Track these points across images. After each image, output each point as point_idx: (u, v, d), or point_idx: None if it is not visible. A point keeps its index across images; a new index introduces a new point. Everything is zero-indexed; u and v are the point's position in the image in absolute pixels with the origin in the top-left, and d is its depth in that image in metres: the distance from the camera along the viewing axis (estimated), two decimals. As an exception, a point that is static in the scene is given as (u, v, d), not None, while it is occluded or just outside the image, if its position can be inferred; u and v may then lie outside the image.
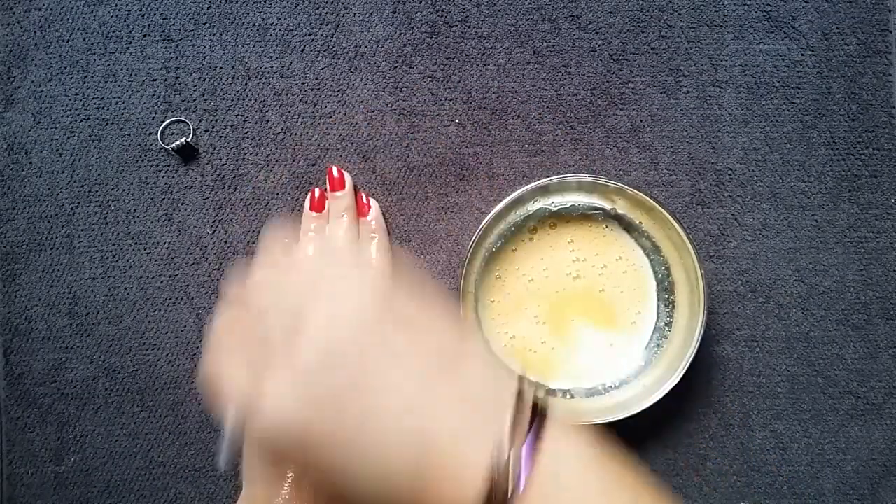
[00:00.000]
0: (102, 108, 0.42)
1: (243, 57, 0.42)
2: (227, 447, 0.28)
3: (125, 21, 0.42)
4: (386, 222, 0.42)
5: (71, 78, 0.42)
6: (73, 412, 0.42)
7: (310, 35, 0.42)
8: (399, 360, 0.25)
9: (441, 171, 0.42)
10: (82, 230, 0.42)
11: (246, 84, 0.42)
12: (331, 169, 0.41)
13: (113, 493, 0.42)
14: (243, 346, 0.27)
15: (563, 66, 0.42)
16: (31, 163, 0.42)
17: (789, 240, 0.42)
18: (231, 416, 0.27)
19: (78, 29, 0.42)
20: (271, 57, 0.42)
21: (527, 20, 0.42)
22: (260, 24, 0.42)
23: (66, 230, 0.42)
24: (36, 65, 0.42)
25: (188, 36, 0.42)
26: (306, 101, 0.42)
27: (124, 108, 0.42)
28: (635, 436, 0.42)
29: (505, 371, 0.26)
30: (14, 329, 0.42)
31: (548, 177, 0.38)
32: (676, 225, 0.38)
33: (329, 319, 0.25)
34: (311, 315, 0.25)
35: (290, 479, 0.36)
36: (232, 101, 0.42)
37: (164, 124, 0.42)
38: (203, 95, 0.42)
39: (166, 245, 0.42)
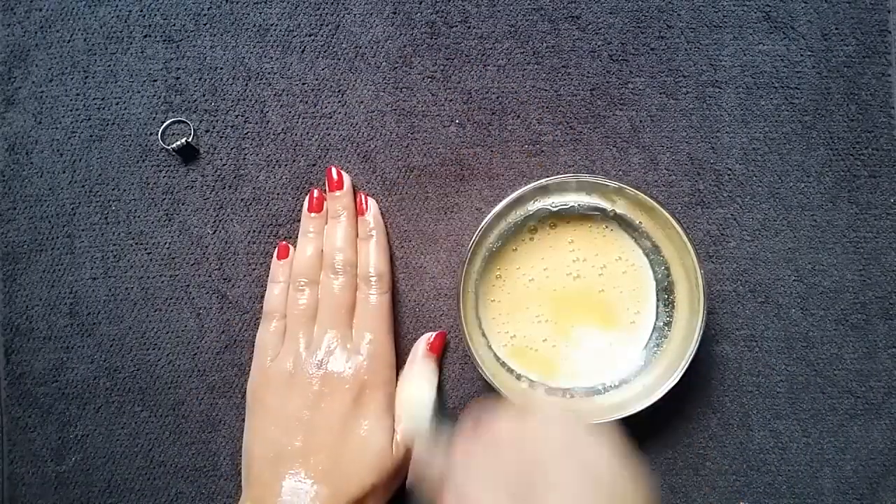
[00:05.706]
0: (103, 108, 0.42)
1: (244, 57, 0.42)
2: None
3: (126, 21, 0.42)
4: (386, 222, 0.42)
5: (72, 78, 0.42)
6: (74, 412, 0.42)
7: (310, 36, 0.42)
8: None
9: (441, 171, 0.43)
10: (83, 230, 0.42)
11: (246, 85, 0.42)
12: (330, 169, 0.41)
13: (114, 493, 0.42)
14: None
15: (563, 66, 0.43)
16: (31, 163, 0.42)
17: (788, 240, 0.42)
18: None
19: (79, 29, 0.42)
20: (272, 57, 0.42)
21: (527, 21, 0.42)
22: (260, 25, 0.42)
23: (67, 230, 0.42)
24: (37, 65, 0.42)
25: (189, 36, 0.42)
26: (307, 102, 0.42)
27: (125, 109, 0.42)
28: (635, 436, 0.42)
29: None
30: (15, 329, 0.42)
31: (548, 177, 0.39)
32: (676, 225, 0.38)
33: None
34: None
35: (288, 480, 0.36)
36: (232, 101, 0.42)
37: (164, 125, 0.42)
38: (204, 96, 0.42)
39: (167, 245, 0.42)
